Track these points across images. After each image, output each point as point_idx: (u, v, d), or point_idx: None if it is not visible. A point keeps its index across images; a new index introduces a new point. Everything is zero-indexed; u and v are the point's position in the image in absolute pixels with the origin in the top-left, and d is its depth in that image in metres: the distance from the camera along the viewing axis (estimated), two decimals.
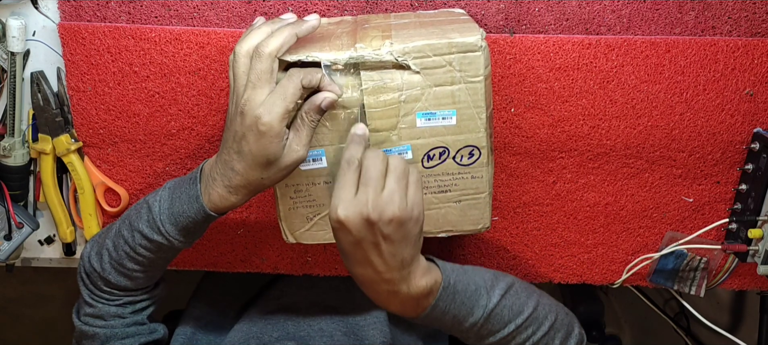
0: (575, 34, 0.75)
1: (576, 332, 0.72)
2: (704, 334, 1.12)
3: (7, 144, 0.76)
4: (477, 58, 0.62)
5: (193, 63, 0.74)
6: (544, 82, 0.75)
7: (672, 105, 0.76)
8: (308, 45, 0.62)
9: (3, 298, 1.71)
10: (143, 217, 0.67)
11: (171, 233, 0.66)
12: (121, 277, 0.71)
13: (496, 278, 0.68)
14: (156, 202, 0.67)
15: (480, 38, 0.61)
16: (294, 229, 0.70)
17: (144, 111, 0.77)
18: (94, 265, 0.71)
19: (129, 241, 0.68)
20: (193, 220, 0.66)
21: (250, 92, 0.59)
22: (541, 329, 0.68)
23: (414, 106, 0.63)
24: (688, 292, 0.84)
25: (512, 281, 0.69)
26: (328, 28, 0.68)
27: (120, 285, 0.71)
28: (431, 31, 0.63)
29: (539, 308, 0.68)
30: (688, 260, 0.82)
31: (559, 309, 0.71)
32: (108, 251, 0.70)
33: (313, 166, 0.66)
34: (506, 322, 0.66)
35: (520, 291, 0.68)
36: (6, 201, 0.78)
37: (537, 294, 0.70)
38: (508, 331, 0.66)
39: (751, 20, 0.75)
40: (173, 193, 0.67)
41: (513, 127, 0.77)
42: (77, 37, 0.74)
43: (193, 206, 0.65)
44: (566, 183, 0.80)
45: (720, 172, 0.79)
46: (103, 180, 0.80)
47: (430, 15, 0.70)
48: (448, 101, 0.63)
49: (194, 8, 0.74)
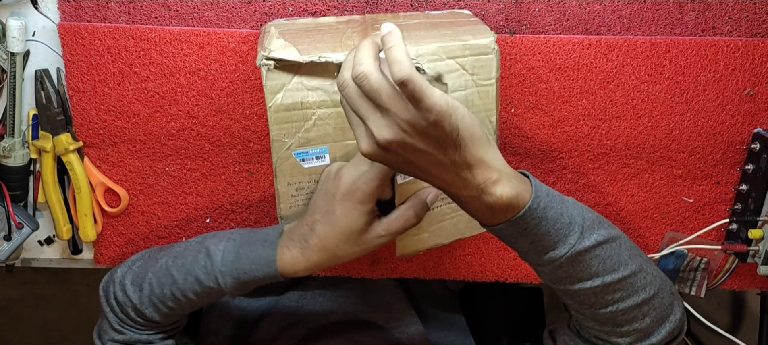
0: (575, 35, 0.75)
1: (675, 318, 0.64)
2: (704, 334, 1.11)
3: (7, 144, 0.76)
4: (490, 60, 0.62)
5: (193, 63, 0.74)
6: (544, 82, 0.75)
7: (672, 105, 0.76)
8: (319, 45, 0.62)
9: (3, 299, 1.71)
10: (200, 262, 0.66)
11: (229, 286, 0.65)
12: (157, 313, 0.69)
13: (599, 223, 0.60)
14: (219, 251, 0.65)
15: (493, 40, 0.61)
16: None
17: (144, 111, 0.77)
18: (130, 296, 0.69)
19: (179, 283, 0.66)
20: (258, 280, 0.64)
21: (356, 159, 0.61)
22: (631, 298, 0.60)
23: None
24: (689, 293, 0.84)
25: (617, 235, 0.60)
26: (337, 26, 0.67)
27: (154, 319, 0.69)
28: (443, 32, 0.63)
29: (639, 275, 0.60)
30: (689, 260, 0.82)
31: (663, 285, 0.63)
32: (151, 285, 0.68)
33: (316, 163, 0.66)
34: (593, 275, 0.58)
35: (623, 248, 0.60)
36: (6, 201, 0.78)
37: (642, 259, 0.62)
38: (592, 285, 0.58)
39: (752, 20, 0.75)
40: (241, 248, 0.65)
41: (513, 127, 0.77)
42: (77, 38, 0.74)
43: (262, 269, 0.64)
44: (566, 183, 0.80)
45: (720, 173, 0.79)
46: (103, 180, 0.80)
47: (439, 16, 0.70)
48: None
49: (194, 9, 0.74)
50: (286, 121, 0.63)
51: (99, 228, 0.82)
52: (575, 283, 0.59)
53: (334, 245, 0.61)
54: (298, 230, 0.63)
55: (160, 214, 0.82)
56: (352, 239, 0.61)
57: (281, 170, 0.65)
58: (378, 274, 0.85)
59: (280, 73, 0.61)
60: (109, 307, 0.71)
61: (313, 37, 0.64)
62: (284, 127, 0.63)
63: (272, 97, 0.62)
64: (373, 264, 0.84)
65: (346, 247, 0.61)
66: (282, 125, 0.63)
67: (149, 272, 0.69)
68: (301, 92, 0.62)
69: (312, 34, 0.65)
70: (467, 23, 0.66)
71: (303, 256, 0.63)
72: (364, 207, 0.60)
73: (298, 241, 0.63)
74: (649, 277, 0.61)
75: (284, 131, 0.63)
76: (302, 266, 0.63)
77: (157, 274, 0.68)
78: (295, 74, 0.61)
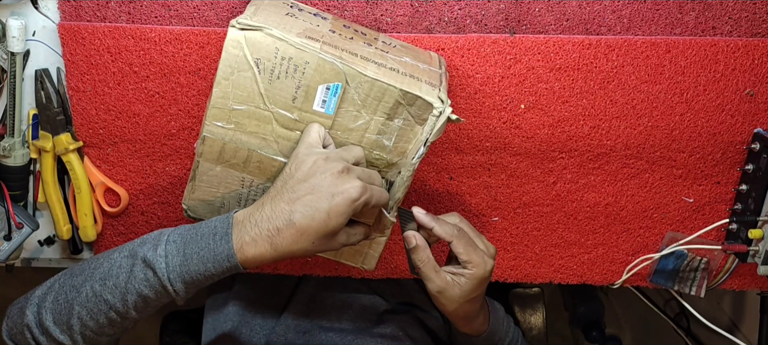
0: (575, 35, 0.75)
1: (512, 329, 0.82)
2: (704, 334, 1.11)
3: (7, 144, 0.76)
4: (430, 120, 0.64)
5: (193, 63, 0.74)
6: (544, 82, 0.75)
7: (672, 105, 0.76)
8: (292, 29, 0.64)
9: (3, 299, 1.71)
10: (139, 276, 0.60)
11: (181, 291, 0.61)
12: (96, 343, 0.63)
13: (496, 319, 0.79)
14: (160, 258, 0.60)
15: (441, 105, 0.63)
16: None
17: (144, 111, 0.77)
18: (58, 338, 0.62)
19: (116, 306, 0.61)
20: (214, 276, 0.61)
21: (356, 159, 0.64)
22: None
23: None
24: (689, 293, 0.84)
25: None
26: (316, 21, 0.68)
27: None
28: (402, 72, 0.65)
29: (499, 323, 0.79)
30: (689, 260, 0.82)
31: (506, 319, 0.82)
32: (81, 319, 0.61)
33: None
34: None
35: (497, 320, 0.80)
36: (6, 201, 0.78)
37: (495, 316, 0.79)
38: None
39: (752, 20, 0.75)
40: (186, 248, 0.60)
41: (513, 127, 0.77)
42: (77, 37, 0.74)
43: (220, 265, 0.60)
44: (566, 183, 0.80)
45: (720, 173, 0.79)
46: (103, 180, 0.80)
47: (414, 53, 0.71)
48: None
49: (194, 8, 0.74)
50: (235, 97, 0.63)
51: (99, 228, 0.82)
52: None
53: (311, 239, 0.60)
54: (267, 216, 0.60)
55: (160, 214, 0.82)
56: (329, 236, 0.60)
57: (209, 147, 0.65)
58: (378, 274, 0.85)
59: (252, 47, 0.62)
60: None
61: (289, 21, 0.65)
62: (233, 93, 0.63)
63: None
64: None
65: (320, 242, 0.60)
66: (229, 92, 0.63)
67: (74, 305, 0.62)
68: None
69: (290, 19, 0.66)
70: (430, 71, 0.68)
71: (272, 246, 0.60)
72: (354, 206, 0.60)
73: (265, 228, 0.59)
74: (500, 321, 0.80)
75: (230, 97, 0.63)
76: (269, 257, 0.60)
77: (86, 304, 0.61)
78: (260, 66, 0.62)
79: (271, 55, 0.62)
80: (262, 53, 0.62)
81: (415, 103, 0.64)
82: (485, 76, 0.75)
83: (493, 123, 0.77)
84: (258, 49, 0.61)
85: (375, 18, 0.74)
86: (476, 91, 0.75)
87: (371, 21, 0.74)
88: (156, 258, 0.60)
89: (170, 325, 1.13)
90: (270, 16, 0.64)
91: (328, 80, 0.63)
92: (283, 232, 0.59)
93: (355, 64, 0.62)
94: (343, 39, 0.66)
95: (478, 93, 0.76)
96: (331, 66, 0.62)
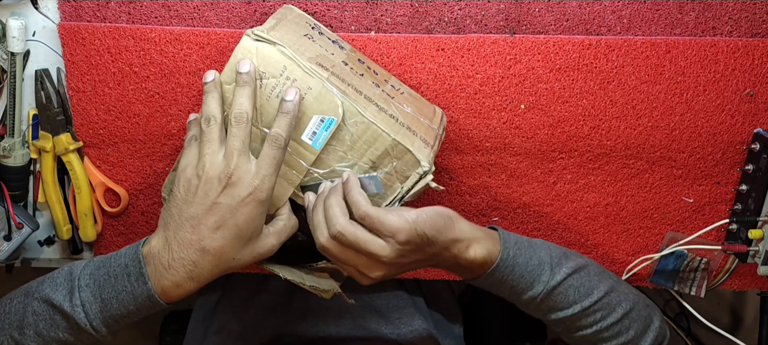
0: (575, 35, 0.75)
1: (655, 326, 0.69)
2: (704, 334, 1.12)
3: (7, 144, 0.76)
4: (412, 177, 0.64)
5: (193, 63, 0.74)
6: (544, 82, 0.75)
7: (672, 105, 0.76)
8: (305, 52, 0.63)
9: None
10: (60, 325, 0.58)
11: (109, 335, 0.59)
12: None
13: (566, 256, 0.67)
14: (77, 308, 0.57)
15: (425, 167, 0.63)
16: None
17: (144, 111, 0.77)
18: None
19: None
20: (138, 314, 0.59)
21: (239, 159, 0.56)
22: (611, 316, 0.66)
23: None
24: (689, 293, 0.84)
25: (585, 263, 0.68)
26: (330, 47, 0.67)
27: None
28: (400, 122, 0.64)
29: (612, 295, 0.67)
30: (689, 261, 0.82)
31: (638, 299, 0.69)
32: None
33: None
34: (571, 302, 0.65)
35: (593, 274, 0.67)
36: (6, 201, 0.78)
37: (613, 280, 0.68)
38: (574, 312, 0.65)
39: (752, 21, 0.75)
40: (103, 292, 0.58)
41: (513, 127, 0.77)
42: (77, 38, 0.74)
43: (143, 305, 0.58)
44: (566, 184, 0.80)
45: (720, 173, 0.79)
46: (103, 180, 0.80)
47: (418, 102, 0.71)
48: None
49: (194, 9, 0.74)
50: None
51: (99, 228, 0.82)
52: (558, 312, 0.66)
53: (231, 256, 0.58)
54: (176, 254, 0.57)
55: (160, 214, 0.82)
56: (250, 246, 0.58)
57: None
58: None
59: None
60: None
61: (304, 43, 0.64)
62: None
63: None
64: None
65: (242, 255, 0.58)
66: None
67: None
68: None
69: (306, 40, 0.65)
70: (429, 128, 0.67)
71: (192, 278, 0.57)
72: (266, 206, 0.58)
73: (181, 266, 0.56)
74: (622, 295, 0.68)
75: None
76: (192, 287, 0.58)
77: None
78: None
79: (277, 72, 0.61)
80: (269, 68, 0.61)
81: (403, 156, 0.63)
82: (485, 77, 0.75)
83: (493, 123, 0.77)
84: (266, 63, 0.61)
85: (375, 18, 0.74)
86: (476, 92, 0.75)
87: (371, 21, 0.74)
88: (74, 308, 0.57)
89: (170, 325, 1.13)
90: (287, 34, 0.63)
91: (325, 112, 0.61)
92: (200, 264, 0.57)
93: (357, 102, 0.61)
94: (353, 74, 0.65)
95: (478, 93, 0.76)
96: (332, 98, 0.61)
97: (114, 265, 0.59)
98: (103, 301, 0.58)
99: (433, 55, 0.74)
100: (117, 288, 0.58)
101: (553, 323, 0.68)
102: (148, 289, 0.57)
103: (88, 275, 0.59)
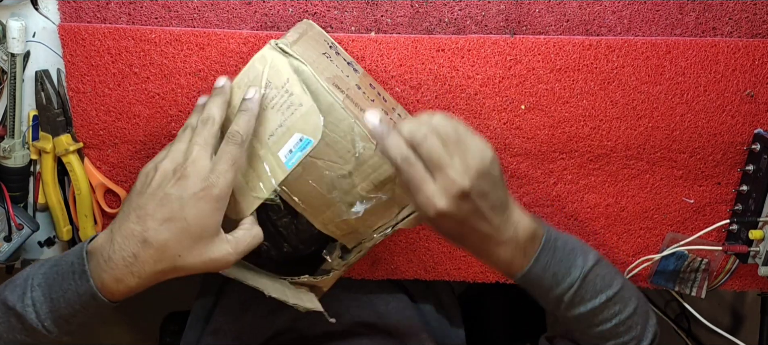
0: (576, 35, 0.75)
1: (653, 321, 0.67)
2: (705, 335, 1.11)
3: (7, 145, 0.76)
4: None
5: (194, 64, 0.74)
6: (544, 83, 0.75)
7: (673, 106, 0.76)
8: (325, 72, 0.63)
9: None
10: (15, 326, 0.56)
11: (64, 337, 0.57)
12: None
13: (586, 246, 0.64)
14: (29, 308, 0.56)
15: None
16: None
17: (144, 112, 0.77)
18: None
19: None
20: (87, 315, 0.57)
21: (198, 154, 0.55)
22: (626, 309, 0.63)
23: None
24: (689, 294, 0.83)
25: (599, 254, 0.65)
26: (347, 72, 0.67)
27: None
28: None
29: (626, 287, 0.64)
30: (689, 261, 0.82)
31: (638, 294, 0.67)
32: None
33: None
34: (597, 292, 0.62)
35: (609, 266, 0.65)
36: (6, 202, 0.78)
37: (620, 274, 0.67)
38: (599, 302, 0.62)
39: (752, 21, 0.75)
40: (52, 293, 0.56)
41: (513, 128, 0.77)
42: (77, 39, 0.74)
43: (88, 305, 0.55)
44: (567, 184, 0.80)
45: (721, 173, 0.79)
46: (103, 181, 0.80)
47: None
48: None
49: (195, 10, 0.74)
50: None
51: (99, 229, 0.82)
52: (586, 303, 0.62)
53: (175, 254, 0.54)
54: (118, 245, 0.54)
55: None
56: (200, 247, 0.55)
57: None
58: (378, 275, 0.85)
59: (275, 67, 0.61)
60: None
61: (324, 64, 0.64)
62: None
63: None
64: (373, 265, 0.84)
65: (190, 256, 0.55)
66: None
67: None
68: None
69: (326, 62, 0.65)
70: None
71: (132, 272, 0.54)
72: (220, 204, 0.55)
73: (120, 259, 0.54)
74: (631, 288, 0.66)
75: None
76: (134, 284, 0.55)
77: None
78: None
79: (279, 84, 0.61)
80: (274, 79, 0.61)
81: None
82: (485, 77, 0.75)
83: (494, 124, 0.77)
84: (274, 73, 0.61)
85: (375, 19, 0.74)
86: (476, 92, 0.75)
87: (371, 22, 0.74)
88: (25, 309, 0.56)
89: (170, 325, 1.13)
90: (308, 51, 0.63)
91: (306, 132, 0.60)
92: (141, 257, 0.54)
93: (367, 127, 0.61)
94: (366, 99, 0.65)
95: (479, 94, 0.76)
96: (316, 120, 0.60)
97: (62, 263, 0.57)
98: (52, 300, 0.56)
99: (433, 55, 0.74)
100: (64, 287, 0.56)
101: (575, 320, 0.63)
102: (90, 287, 0.55)
103: (41, 275, 0.57)
